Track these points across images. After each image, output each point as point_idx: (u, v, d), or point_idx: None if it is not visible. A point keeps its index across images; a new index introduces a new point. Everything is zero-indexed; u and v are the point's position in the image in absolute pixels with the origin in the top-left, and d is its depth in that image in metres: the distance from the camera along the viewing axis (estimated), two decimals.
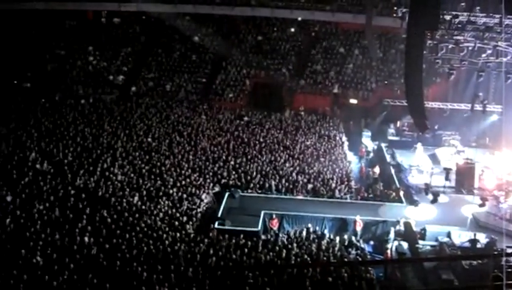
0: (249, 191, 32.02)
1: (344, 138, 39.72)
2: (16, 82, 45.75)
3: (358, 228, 28.69)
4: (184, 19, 50.67)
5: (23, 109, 40.19)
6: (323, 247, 26.30)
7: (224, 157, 34.83)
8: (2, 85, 45.20)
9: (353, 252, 26.75)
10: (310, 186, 32.42)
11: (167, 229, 26.37)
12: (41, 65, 47.45)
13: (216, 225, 28.10)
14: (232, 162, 34.21)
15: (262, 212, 29.29)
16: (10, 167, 30.85)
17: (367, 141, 40.91)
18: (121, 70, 47.67)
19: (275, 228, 28.86)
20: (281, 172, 33.51)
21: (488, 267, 22.28)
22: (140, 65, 48.62)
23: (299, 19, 50.11)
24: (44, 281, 21.61)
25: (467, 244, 26.62)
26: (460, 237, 27.32)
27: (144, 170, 31.99)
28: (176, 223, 27.09)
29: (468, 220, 29.01)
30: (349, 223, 29.15)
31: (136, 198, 28.73)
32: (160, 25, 50.82)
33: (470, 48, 29.85)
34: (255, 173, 33.14)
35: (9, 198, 27.55)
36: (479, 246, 26.36)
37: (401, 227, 28.69)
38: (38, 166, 31.30)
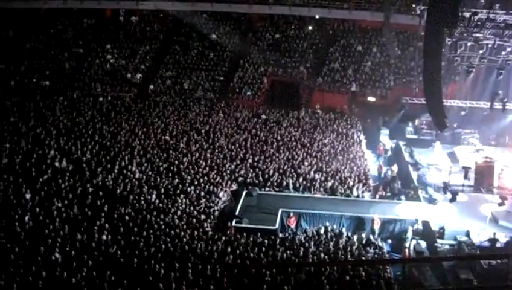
0: (267, 189, 32.01)
1: (362, 136, 39.56)
2: (34, 80, 46.05)
3: (376, 227, 28.60)
4: (201, 17, 50.71)
5: (41, 107, 40.41)
6: (341, 245, 26.24)
7: (241, 155, 34.84)
8: (21, 83, 45.56)
9: (371, 250, 26.63)
10: (327, 184, 32.34)
11: (185, 227, 26.44)
12: (59, 63, 47.71)
13: (233, 223, 28.15)
14: (250, 160, 34.21)
15: (280, 211, 29.28)
16: (29, 165, 31.04)
17: (385, 139, 40.68)
18: (138, 69, 47.80)
19: (293, 226, 28.85)
20: (298, 170, 33.45)
21: (508, 267, 22.12)
22: (158, 63, 48.73)
23: (317, 16, 49.94)
24: (62, 278, 21.73)
25: (486, 244, 26.40)
26: (480, 236, 27.09)
27: (161, 168, 32.08)
28: (194, 221, 27.16)
29: (488, 219, 28.79)
30: (367, 221, 29.07)
31: (153, 196, 28.82)
32: (178, 23, 50.92)
33: (490, 46, 29.61)
34: (272, 171, 33.11)
35: (28, 195, 27.73)
36: (498, 245, 26.14)
37: (419, 226, 28.54)
38: (57, 164, 31.47)
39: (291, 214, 29.08)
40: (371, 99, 45.00)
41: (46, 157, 32.15)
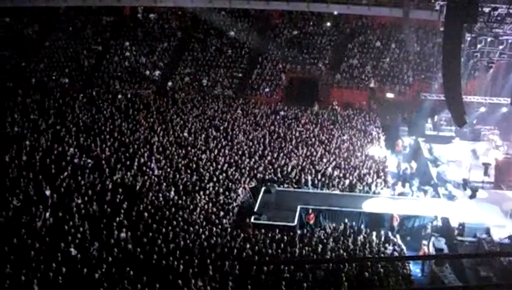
0: (285, 186, 32.02)
1: (380, 133, 39.42)
2: (54, 78, 46.37)
3: (395, 223, 28.50)
4: (220, 14, 50.76)
5: (61, 105, 40.67)
6: (360, 242, 26.20)
7: (260, 152, 34.87)
8: (41, 80, 45.91)
9: (390, 247, 26.55)
10: (346, 181, 32.28)
11: (203, 223, 26.52)
12: (78, 61, 47.99)
13: (252, 220, 28.19)
14: (269, 157, 34.24)
15: (299, 207, 29.30)
16: (49, 162, 31.27)
17: (404, 136, 40.53)
18: (157, 66, 47.94)
19: (311, 223, 28.84)
20: (317, 167, 33.43)
21: None
22: (176, 60, 48.83)
23: (335, 13, 49.79)
24: (82, 274, 21.89)
25: (506, 241, 26.23)
26: (500, 233, 26.92)
27: (180, 165, 32.18)
28: (213, 217, 27.22)
29: (508, 216, 28.59)
30: (386, 218, 28.99)
31: (172, 192, 28.93)
32: (196, 21, 51.00)
33: (510, 41, 29.35)
34: (291, 168, 33.11)
35: (48, 192, 27.94)
36: None
37: (438, 223, 28.40)
38: (76, 161, 31.68)
39: (310, 211, 29.09)
40: (390, 95, 44.81)
41: (66, 154, 32.37)
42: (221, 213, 27.85)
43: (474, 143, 37.96)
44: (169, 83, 46.33)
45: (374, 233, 27.37)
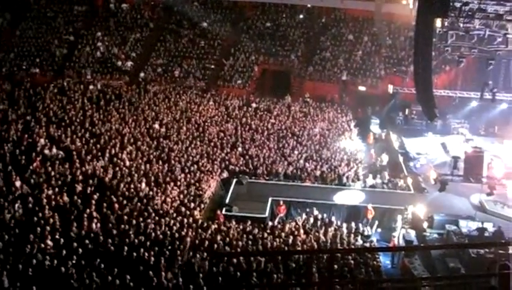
0: (257, 177, 32.08)
1: (352, 125, 39.66)
2: (24, 68, 45.84)
3: (370, 216, 28.69)
4: (192, 5, 50.59)
5: (31, 95, 40.22)
6: (330, 234, 26.36)
7: (232, 143, 34.90)
8: (11, 70, 45.36)
9: (360, 239, 26.77)
10: (317, 172, 32.45)
11: (175, 215, 26.46)
12: (49, 51, 47.50)
13: (223, 211, 28.21)
14: (240, 149, 34.28)
15: (270, 199, 29.38)
16: (19, 152, 30.93)
17: (375, 129, 40.82)
18: (129, 56, 47.65)
19: (283, 215, 28.91)
20: (289, 158, 33.55)
21: (496, 256, 22.30)
22: (149, 51, 48.57)
23: (308, 5, 49.89)
24: (52, 267, 21.72)
25: (475, 233, 26.57)
26: (468, 225, 27.26)
27: (152, 156, 32.07)
28: (184, 209, 27.18)
29: (476, 209, 28.97)
30: (359, 210, 29.19)
31: (143, 184, 28.82)
32: (169, 11, 50.77)
33: (480, 36, 29.67)
34: (262, 160, 33.19)
35: (18, 183, 27.64)
36: (486, 234, 26.29)
37: (408, 215, 28.67)
38: (47, 151, 31.37)
39: (281, 203, 29.15)
40: (362, 88, 45.06)
41: (36, 145, 32.03)
42: (193, 205, 27.80)
43: (445, 136, 38.36)
44: (142, 74, 46.07)
45: (345, 225, 27.56)
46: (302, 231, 26.48)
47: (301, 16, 50.65)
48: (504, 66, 36.58)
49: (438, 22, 28.38)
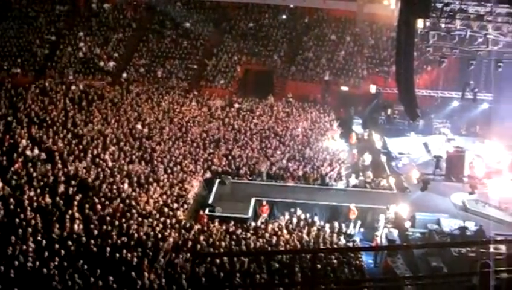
0: (240, 177, 32.08)
1: (335, 125, 39.77)
2: (5, 68, 45.52)
3: (352, 216, 28.76)
4: (175, 5, 50.52)
5: (13, 95, 39.95)
6: (313, 234, 26.40)
7: (215, 144, 34.89)
8: None
9: (343, 239, 26.84)
10: (300, 172, 32.52)
11: (157, 215, 26.39)
12: (31, 51, 47.20)
13: (207, 212, 28.18)
14: (223, 149, 34.28)
15: (253, 199, 29.37)
16: (0, 153, 30.70)
17: (358, 129, 40.96)
18: (112, 57, 47.48)
19: (266, 215, 28.92)
20: (271, 159, 33.59)
21: (477, 254, 22.46)
22: (131, 51, 48.45)
23: (291, 5, 50.00)
24: (34, 268, 21.58)
25: (456, 232, 26.73)
26: (450, 224, 27.43)
27: (134, 157, 31.97)
28: (167, 209, 27.11)
29: (458, 208, 29.16)
30: (341, 210, 29.27)
31: (126, 185, 28.71)
32: (152, 11, 50.67)
33: (461, 36, 29.86)
34: (245, 160, 33.20)
35: None
36: (468, 233, 26.45)
37: (391, 214, 28.79)
38: (28, 152, 31.16)
39: (264, 203, 29.16)
40: (344, 88, 45.19)
41: (17, 146, 31.81)
42: (176, 205, 27.74)
43: (427, 136, 38.58)
44: (124, 74, 45.93)
45: (328, 225, 27.62)
46: (285, 231, 26.50)
47: (284, 16, 50.76)
48: (485, 66, 36.74)
49: (420, 23, 28.44)
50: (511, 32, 27.69)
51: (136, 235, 24.26)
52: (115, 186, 28.29)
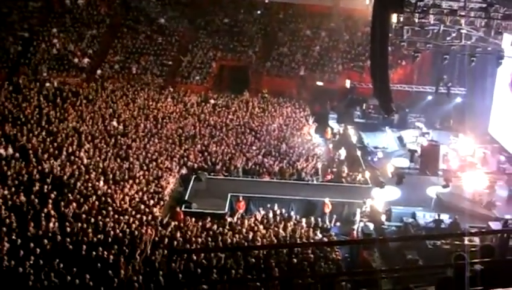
0: (216, 173, 32.06)
1: (310, 120, 39.87)
2: None
3: (327, 210, 28.87)
4: (149, 1, 50.29)
5: None
6: (290, 229, 26.48)
7: (190, 140, 34.83)
8: None
9: (319, 233, 26.94)
10: (276, 168, 32.57)
11: (134, 212, 26.31)
12: (4, 48, 46.70)
13: (183, 208, 28.14)
14: (199, 145, 34.24)
15: (229, 195, 29.37)
16: None
17: (333, 123, 41.13)
18: (86, 53, 47.13)
19: (242, 211, 28.93)
20: (247, 154, 33.61)
21: (452, 246, 22.72)
22: (105, 48, 48.13)
23: (266, 1, 50.02)
24: (10, 267, 21.42)
25: (431, 225, 26.96)
26: (425, 217, 27.64)
27: (109, 154, 31.83)
28: (143, 206, 27.03)
29: (433, 201, 29.40)
30: (317, 205, 29.35)
31: (101, 182, 28.58)
32: (126, 7, 50.38)
33: (435, 31, 30.06)
34: (221, 156, 33.19)
35: None
36: (442, 226, 26.72)
37: (367, 208, 28.97)
38: (2, 151, 30.90)
39: (241, 198, 29.16)
40: (319, 83, 45.31)
41: None
42: (152, 202, 27.68)
43: (402, 130, 38.85)
44: (99, 71, 45.64)
45: (304, 219, 27.71)
46: (261, 226, 26.55)
47: (259, 12, 50.74)
48: (458, 60, 37.01)
49: (394, 18, 28.54)
50: (483, 26, 27.88)
51: (112, 232, 24.19)
52: (90, 184, 28.16)
